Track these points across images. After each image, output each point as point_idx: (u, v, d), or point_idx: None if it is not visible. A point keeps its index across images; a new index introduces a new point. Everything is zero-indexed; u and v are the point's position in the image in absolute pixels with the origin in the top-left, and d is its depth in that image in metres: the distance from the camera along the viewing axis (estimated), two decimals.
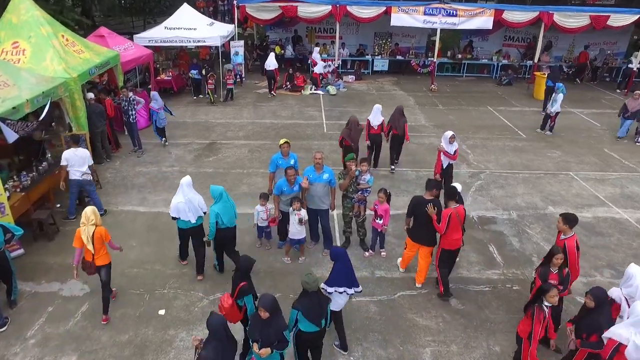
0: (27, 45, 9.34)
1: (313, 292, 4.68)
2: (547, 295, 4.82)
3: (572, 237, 5.69)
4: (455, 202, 6.26)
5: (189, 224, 6.56)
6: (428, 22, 16.94)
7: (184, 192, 6.38)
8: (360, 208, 7.17)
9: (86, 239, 5.68)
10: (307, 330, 4.73)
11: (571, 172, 10.91)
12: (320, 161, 6.92)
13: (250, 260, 5.14)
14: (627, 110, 12.60)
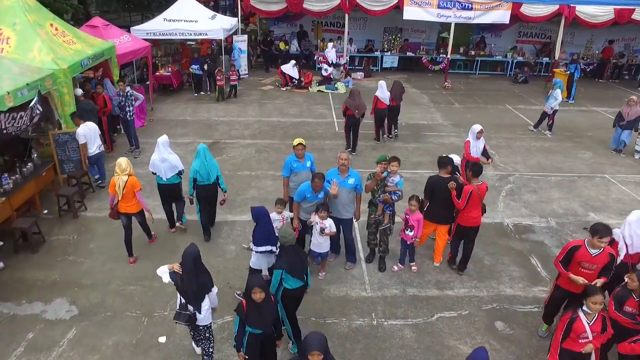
0: (12, 33, 8.42)
1: (290, 247, 4.74)
2: (588, 300, 4.07)
3: None
4: (477, 179, 6.09)
5: (163, 181, 6.92)
6: (442, 15, 16.05)
7: (160, 151, 6.79)
8: (385, 214, 6.24)
9: (119, 186, 6.20)
10: (293, 286, 4.74)
11: (606, 174, 10.03)
12: (346, 163, 6.00)
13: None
14: (622, 118, 10.72)
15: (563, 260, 4.83)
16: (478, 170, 6.11)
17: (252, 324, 4.10)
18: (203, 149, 6.68)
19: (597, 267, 4.68)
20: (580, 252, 4.69)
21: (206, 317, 4.52)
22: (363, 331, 5.48)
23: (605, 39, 18.71)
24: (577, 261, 4.73)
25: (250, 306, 4.06)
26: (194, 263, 4.36)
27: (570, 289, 4.91)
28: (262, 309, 4.07)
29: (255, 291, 3.95)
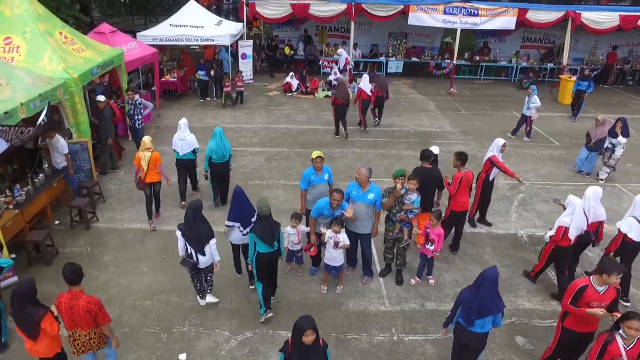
0: (22, 42, 8.35)
1: (264, 217, 5.39)
2: (625, 324, 3.96)
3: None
4: (464, 167, 6.77)
5: (179, 156, 8.04)
6: (448, 21, 16.04)
7: (180, 130, 8.03)
8: (404, 231, 6.19)
9: (144, 161, 7.26)
10: (264, 251, 5.39)
11: (617, 184, 10.02)
12: (361, 177, 5.95)
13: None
14: (589, 138, 9.98)
15: (572, 301, 4.54)
16: (465, 159, 6.80)
17: None
18: (219, 132, 7.82)
19: (605, 304, 4.49)
20: (588, 291, 4.47)
21: (207, 260, 5.53)
22: (384, 347, 5.43)
23: (609, 45, 18.75)
24: (585, 302, 4.49)
25: (296, 348, 3.73)
26: (193, 214, 5.37)
27: (580, 329, 4.63)
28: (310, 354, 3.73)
29: (307, 334, 3.62)
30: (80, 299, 4.26)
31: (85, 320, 4.29)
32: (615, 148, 9.62)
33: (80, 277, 4.32)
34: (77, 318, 4.28)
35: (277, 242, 5.47)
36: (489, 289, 4.34)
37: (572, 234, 5.97)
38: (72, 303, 4.25)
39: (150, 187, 7.57)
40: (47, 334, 4.24)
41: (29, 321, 4.15)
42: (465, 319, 4.50)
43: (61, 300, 4.29)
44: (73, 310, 4.26)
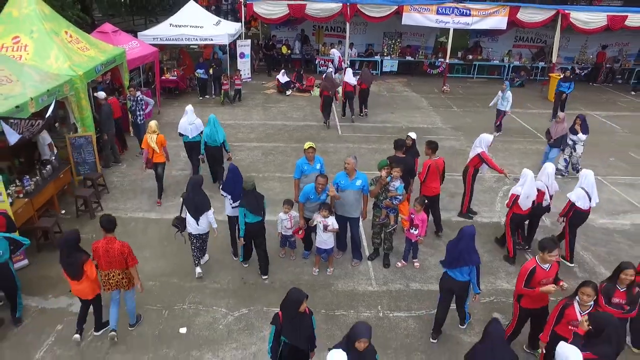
0: (29, 41, 8.78)
1: (250, 191, 6.14)
2: (580, 290, 4.44)
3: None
4: (434, 154, 7.26)
5: (189, 139, 8.91)
6: (441, 21, 16.50)
7: (188, 116, 8.91)
8: (390, 217, 6.62)
9: (152, 142, 8.07)
10: (252, 221, 6.17)
11: (599, 176, 10.40)
12: (353, 166, 6.39)
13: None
14: (550, 135, 10.10)
15: (525, 285, 4.92)
16: (435, 147, 7.33)
17: (288, 337, 4.17)
18: (213, 118, 8.65)
19: (551, 280, 4.92)
20: (537, 272, 4.85)
21: (203, 228, 6.26)
22: (370, 322, 5.70)
23: (599, 44, 19.18)
24: (537, 281, 4.86)
25: (287, 319, 4.14)
26: (192, 186, 6.21)
27: (535, 306, 5.02)
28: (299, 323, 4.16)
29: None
30: (115, 243, 5.15)
31: (119, 261, 5.15)
32: (576, 145, 9.96)
33: (114, 225, 5.24)
34: (113, 259, 5.14)
35: (263, 212, 6.24)
36: (466, 244, 5.09)
37: (522, 201, 6.76)
38: (108, 247, 5.11)
39: (156, 168, 8.37)
40: (88, 277, 5.06)
41: (75, 264, 4.98)
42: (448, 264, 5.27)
43: (98, 245, 5.15)
44: (109, 253, 5.11)
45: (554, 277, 4.92)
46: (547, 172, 7.12)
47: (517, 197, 6.80)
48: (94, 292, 5.25)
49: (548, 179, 7.09)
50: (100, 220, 5.25)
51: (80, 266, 4.99)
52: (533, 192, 6.85)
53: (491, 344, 3.84)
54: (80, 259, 5.00)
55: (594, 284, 4.51)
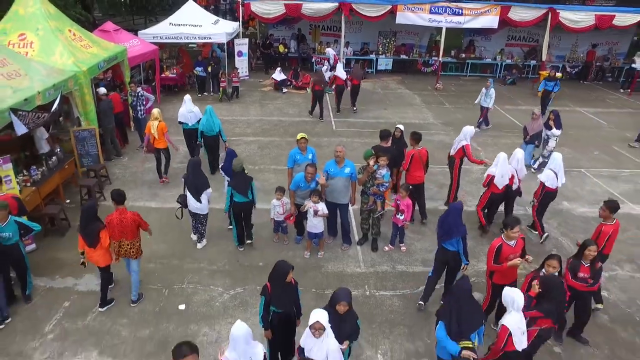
0: (35, 38, 9.17)
1: (239, 173, 6.71)
2: (547, 263, 4.88)
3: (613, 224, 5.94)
4: (417, 144, 7.70)
5: (188, 126, 9.67)
6: (434, 20, 16.92)
7: (187, 105, 9.67)
8: (377, 203, 7.02)
9: (153, 129, 8.76)
10: (239, 200, 6.75)
11: (582, 169, 10.89)
12: (342, 155, 6.79)
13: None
14: (526, 132, 10.41)
15: (495, 261, 5.34)
16: (418, 138, 7.78)
17: (277, 305, 4.56)
18: (209, 109, 9.27)
19: (518, 255, 5.31)
20: (504, 248, 5.28)
21: (203, 207, 6.84)
22: (357, 300, 6.25)
23: (589, 43, 19.61)
24: (504, 257, 5.27)
25: (275, 289, 4.51)
26: (192, 167, 6.81)
27: (505, 282, 5.26)
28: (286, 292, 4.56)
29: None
30: (127, 213, 5.74)
31: (131, 230, 5.74)
32: (550, 140, 10.34)
33: (124, 198, 5.83)
34: (126, 229, 5.70)
35: (250, 194, 6.82)
36: (453, 218, 5.65)
37: (497, 180, 7.38)
38: (121, 217, 5.68)
39: (159, 152, 9.07)
40: (102, 245, 5.61)
41: (92, 232, 5.55)
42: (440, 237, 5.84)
43: (112, 217, 5.69)
44: (122, 223, 5.67)
45: (521, 253, 5.33)
46: (516, 157, 7.71)
47: (493, 177, 7.31)
48: (105, 262, 5.77)
49: (517, 164, 7.67)
50: (111, 193, 5.86)
51: (97, 234, 5.56)
52: (507, 171, 7.39)
53: (458, 296, 4.30)
54: (97, 227, 5.59)
55: (559, 256, 4.94)
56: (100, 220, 5.72)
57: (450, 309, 4.27)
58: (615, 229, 5.97)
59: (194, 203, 6.83)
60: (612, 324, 6.10)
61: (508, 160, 7.52)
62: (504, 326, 4.32)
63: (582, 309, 5.51)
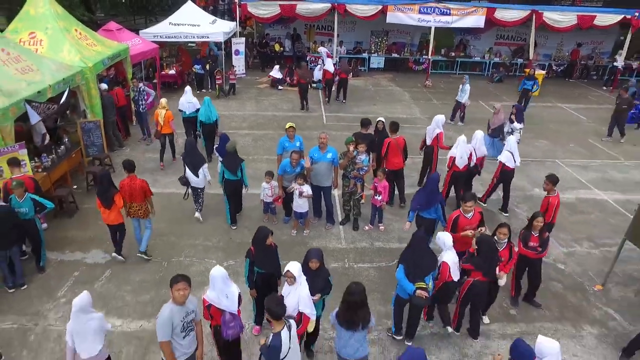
0: (44, 37, 9.89)
1: (231, 153, 7.51)
2: (498, 230, 5.64)
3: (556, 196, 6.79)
4: (395, 133, 8.37)
5: (187, 114, 10.81)
6: (423, 20, 17.60)
7: (187, 95, 10.83)
8: (357, 185, 7.73)
9: (161, 117, 9.81)
10: (230, 178, 7.57)
11: (557, 159, 11.59)
12: (325, 141, 7.50)
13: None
14: (489, 126, 10.92)
15: (452, 230, 5.94)
16: (396, 128, 8.46)
17: (260, 266, 5.29)
18: (208, 100, 10.18)
19: (474, 226, 6.00)
20: (461, 219, 6.00)
21: (200, 181, 7.78)
22: (338, 271, 6.97)
23: (575, 42, 20.30)
24: (461, 227, 5.97)
25: (259, 251, 5.24)
26: (189, 146, 7.83)
27: (461, 249, 5.71)
28: (268, 254, 5.32)
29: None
30: (136, 180, 6.77)
31: (139, 195, 6.75)
32: (514, 132, 10.94)
33: (134, 167, 6.87)
34: (135, 193, 6.73)
35: (240, 173, 7.62)
36: (430, 188, 6.60)
37: (458, 161, 8.26)
38: (131, 183, 6.71)
39: (165, 137, 10.10)
40: (116, 207, 6.63)
41: (109, 196, 6.57)
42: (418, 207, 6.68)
43: (124, 183, 6.77)
44: (132, 188, 6.70)
45: (477, 225, 6.03)
46: (477, 137, 8.72)
47: (454, 159, 8.15)
48: (118, 220, 6.79)
49: (476, 143, 8.62)
50: (123, 163, 6.94)
51: (112, 197, 6.58)
52: (466, 152, 8.22)
53: (414, 246, 5.17)
54: (113, 192, 6.61)
55: (508, 225, 5.65)
56: (115, 186, 6.73)
57: (408, 256, 5.10)
58: (558, 200, 6.80)
59: (193, 178, 7.75)
60: (564, 291, 6.82)
61: (470, 141, 8.45)
62: (445, 262, 5.25)
63: (534, 275, 6.22)
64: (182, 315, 4.20)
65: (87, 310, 4.28)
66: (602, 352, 5.76)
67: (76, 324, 4.24)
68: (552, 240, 8.11)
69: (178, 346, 4.23)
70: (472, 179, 8.94)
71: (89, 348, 4.27)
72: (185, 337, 4.25)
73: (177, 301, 4.14)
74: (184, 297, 4.16)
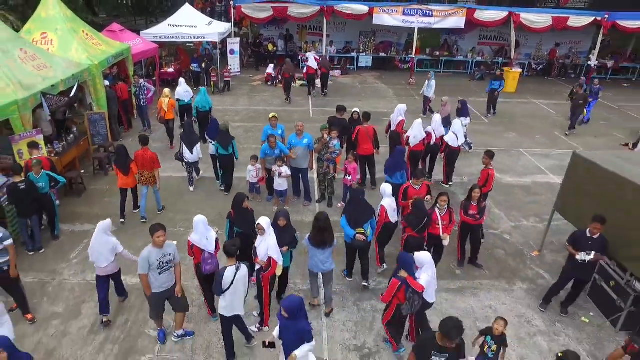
0: (55, 37, 11.00)
1: (224, 132, 8.91)
2: (438, 199, 6.74)
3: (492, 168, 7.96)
4: (366, 122, 9.39)
5: (184, 102, 12.18)
6: (406, 21, 18.71)
7: (183, 86, 12.22)
8: (330, 167, 8.84)
9: (165, 105, 11.22)
10: (222, 153, 9.03)
11: (521, 149, 12.69)
12: (301, 129, 8.61)
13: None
14: None
15: (403, 198, 7.33)
16: (367, 117, 9.50)
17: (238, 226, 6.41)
18: (203, 90, 11.76)
19: (422, 196, 7.16)
20: (410, 190, 7.23)
21: (195, 157, 9.32)
22: None
23: (553, 42, 21.40)
24: (410, 196, 7.17)
25: (237, 213, 6.38)
26: (187, 128, 9.35)
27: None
28: (246, 216, 6.45)
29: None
30: (148, 152, 8.21)
31: (149, 165, 8.19)
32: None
33: (148, 140, 8.38)
34: (145, 162, 8.16)
35: (231, 148, 9.04)
36: (396, 157, 8.16)
37: (411, 140, 9.51)
38: (144, 154, 8.15)
39: (167, 122, 11.54)
40: (132, 173, 8.13)
41: (125, 164, 8.06)
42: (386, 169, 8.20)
43: (138, 153, 8.18)
44: (144, 158, 8.14)
45: (425, 194, 7.16)
46: (435, 120, 10.09)
47: (408, 138, 9.54)
48: (134, 184, 8.37)
49: (434, 125, 10.00)
50: (139, 137, 8.47)
51: (129, 165, 8.07)
52: (420, 134, 9.48)
53: (353, 199, 6.45)
54: (129, 161, 8.10)
55: (447, 193, 6.74)
56: (130, 157, 8.18)
57: (349, 208, 6.42)
58: (494, 172, 8.04)
59: (188, 154, 9.23)
60: (506, 256, 7.93)
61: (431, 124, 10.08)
62: (382, 206, 6.55)
63: (475, 239, 7.33)
64: (159, 256, 5.32)
65: (106, 232, 5.80)
66: (528, 302, 6.86)
67: (96, 241, 5.84)
68: (503, 216, 9.30)
69: (154, 280, 5.37)
70: (436, 155, 10.35)
71: (103, 260, 5.89)
72: (161, 274, 5.37)
73: (156, 245, 5.27)
74: (162, 242, 5.28)
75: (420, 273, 5.27)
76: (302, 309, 4.53)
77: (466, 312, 6.56)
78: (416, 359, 4.39)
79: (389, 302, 5.40)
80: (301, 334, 4.50)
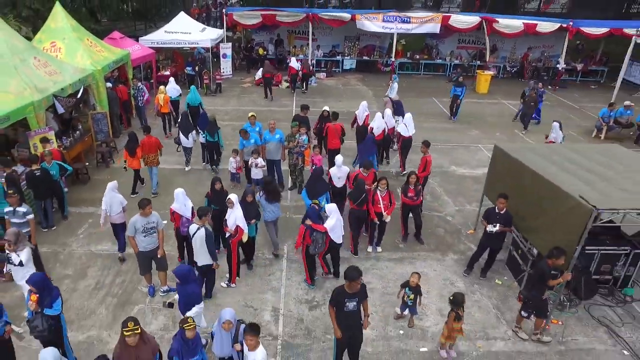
0: (62, 45, 12.49)
1: (212, 122, 10.89)
2: (379, 183, 8.13)
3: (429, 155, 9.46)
4: (335, 120, 10.95)
5: (173, 98, 13.95)
6: (386, 27, 20.17)
7: (172, 84, 14.18)
8: (298, 159, 10.30)
9: (160, 100, 13.19)
10: (210, 140, 11.09)
11: (480, 145, 14.12)
12: (274, 126, 10.09)
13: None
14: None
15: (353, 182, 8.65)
16: (336, 116, 11.02)
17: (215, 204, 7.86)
18: (193, 88, 13.68)
19: (369, 182, 8.59)
20: (359, 177, 8.60)
21: (189, 142, 11.33)
22: (281, 219, 9.47)
23: (527, 46, 22.80)
24: None
25: (213, 193, 7.88)
26: (184, 117, 11.36)
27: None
28: (221, 196, 7.92)
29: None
30: (153, 138, 10.13)
31: (154, 148, 10.06)
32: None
33: (150, 129, 10.35)
34: (150, 146, 10.02)
35: (217, 137, 11.05)
36: (368, 145, 10.19)
37: (375, 130, 11.15)
38: (149, 140, 9.99)
39: (164, 115, 13.56)
40: (137, 156, 10.00)
41: (134, 148, 9.90)
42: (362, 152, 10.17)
43: (144, 141, 10.03)
44: (149, 143, 9.99)
45: (372, 181, 8.61)
46: (386, 114, 11.79)
47: (372, 129, 11.18)
48: (138, 166, 10.21)
49: (387, 119, 11.65)
50: (143, 127, 10.83)
51: (135, 149, 9.95)
52: (381, 125, 11.24)
53: (313, 177, 8.09)
54: (136, 145, 9.96)
55: (386, 178, 8.18)
56: (138, 142, 9.97)
57: (310, 183, 8.06)
58: (431, 158, 9.57)
59: (184, 139, 11.27)
60: (445, 234, 9.38)
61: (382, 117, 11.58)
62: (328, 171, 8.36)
63: (416, 216, 8.77)
64: (144, 223, 6.80)
65: (114, 190, 7.79)
66: (455, 269, 8.31)
67: (108, 197, 7.73)
68: (449, 201, 10.74)
69: (140, 241, 6.86)
70: (389, 144, 12.30)
71: (115, 209, 7.80)
72: (145, 237, 6.85)
73: (144, 214, 6.75)
74: (149, 213, 6.77)
75: (328, 219, 7.22)
76: (191, 276, 5.68)
77: (401, 276, 7.98)
78: (334, 309, 5.47)
79: (300, 245, 7.24)
80: (192, 297, 5.61)
